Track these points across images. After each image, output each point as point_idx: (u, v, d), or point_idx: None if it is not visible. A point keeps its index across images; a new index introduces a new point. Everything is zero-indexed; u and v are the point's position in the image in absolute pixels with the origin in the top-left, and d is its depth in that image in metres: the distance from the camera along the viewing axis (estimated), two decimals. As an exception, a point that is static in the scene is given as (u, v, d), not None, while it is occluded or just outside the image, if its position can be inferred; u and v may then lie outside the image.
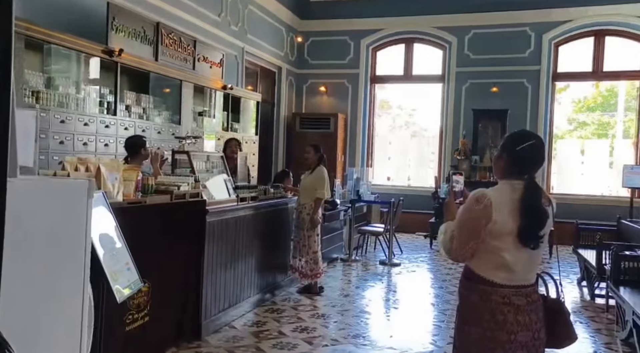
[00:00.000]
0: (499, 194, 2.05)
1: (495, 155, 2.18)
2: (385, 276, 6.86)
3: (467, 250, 2.06)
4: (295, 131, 10.89)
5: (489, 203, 1.99)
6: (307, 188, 5.52)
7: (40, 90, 4.75)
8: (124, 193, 3.16)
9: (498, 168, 2.15)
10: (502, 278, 2.04)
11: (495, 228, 2.00)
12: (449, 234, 2.13)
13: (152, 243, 3.38)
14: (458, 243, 2.07)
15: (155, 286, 3.39)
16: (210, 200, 4.14)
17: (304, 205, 5.49)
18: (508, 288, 2.04)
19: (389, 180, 11.45)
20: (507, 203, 2.01)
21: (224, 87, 7.69)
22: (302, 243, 5.48)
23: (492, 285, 2.05)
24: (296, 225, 5.56)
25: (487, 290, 2.05)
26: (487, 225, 2.00)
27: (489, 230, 2.01)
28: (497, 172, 2.16)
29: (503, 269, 2.04)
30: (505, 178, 2.11)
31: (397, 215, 8.02)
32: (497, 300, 2.03)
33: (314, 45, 11.39)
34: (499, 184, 2.14)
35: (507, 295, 2.04)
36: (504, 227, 1.99)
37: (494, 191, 2.07)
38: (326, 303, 5.25)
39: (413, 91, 11.52)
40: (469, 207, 2.06)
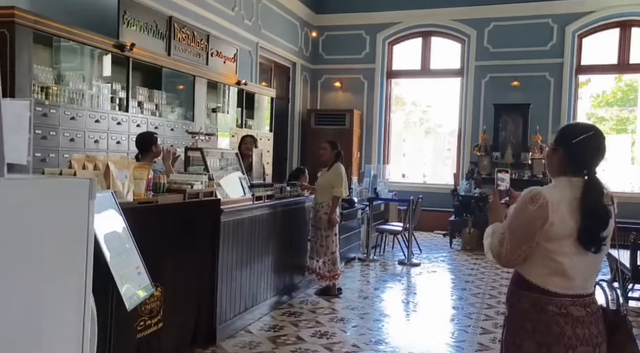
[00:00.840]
0: (555, 193, 1.87)
1: (548, 150, 2.02)
2: (404, 277, 6.64)
3: (520, 254, 1.89)
4: (310, 128, 10.69)
5: (544, 202, 1.82)
6: (324, 186, 5.32)
7: (49, 86, 4.60)
8: (135, 193, 2.99)
9: (552, 165, 1.97)
10: (558, 286, 1.87)
11: (551, 230, 1.83)
12: (498, 237, 1.94)
13: (164, 244, 3.21)
14: (510, 247, 1.89)
15: (168, 290, 3.22)
16: (225, 199, 3.96)
17: (321, 203, 5.29)
18: (565, 298, 1.86)
19: (404, 177, 11.21)
20: (565, 202, 1.84)
21: (237, 83, 7.51)
22: (320, 243, 5.29)
23: (546, 294, 1.87)
24: (313, 224, 5.36)
25: (541, 299, 1.88)
26: (542, 226, 1.83)
27: (545, 233, 1.84)
28: (552, 169, 1.98)
29: (559, 276, 1.86)
30: (561, 175, 1.93)
31: (417, 214, 7.80)
32: (553, 310, 1.86)
33: (329, 40, 11.17)
34: (554, 182, 1.96)
35: (564, 305, 1.86)
36: (562, 229, 1.83)
37: (550, 189, 1.89)
38: (345, 306, 5.05)
39: (429, 86, 11.25)
40: (522, 206, 1.88)
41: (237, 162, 4.37)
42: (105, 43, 5.11)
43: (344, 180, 5.33)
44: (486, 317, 4.84)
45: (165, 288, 3.17)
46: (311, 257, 5.38)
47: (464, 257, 7.95)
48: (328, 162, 5.42)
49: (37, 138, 4.39)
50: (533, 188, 1.90)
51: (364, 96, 11.02)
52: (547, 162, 2.02)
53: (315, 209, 5.33)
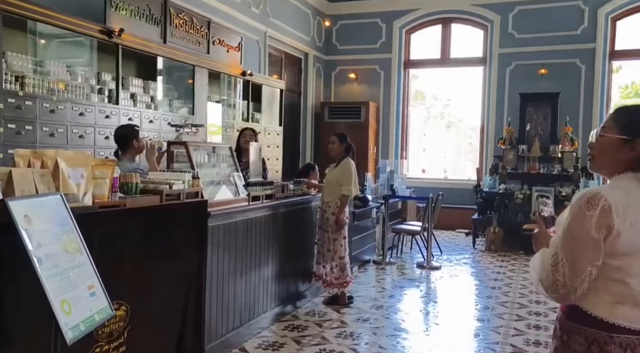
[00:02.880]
0: (620, 194, 1.44)
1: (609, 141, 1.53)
2: (423, 282, 6.08)
3: (584, 279, 1.42)
4: (324, 121, 10.17)
5: (607, 206, 1.40)
6: (331, 184, 4.80)
7: (25, 75, 4.16)
8: (95, 195, 2.50)
9: (618, 159, 1.51)
10: (627, 318, 1.43)
11: (618, 242, 1.40)
12: (549, 261, 1.47)
13: (133, 255, 2.73)
14: (570, 270, 1.42)
15: (136, 308, 2.74)
16: (214, 200, 3.46)
17: (328, 203, 4.77)
18: (634, 335, 1.42)
19: (424, 173, 10.63)
20: (636, 204, 1.42)
21: (242, 73, 7.02)
22: (327, 247, 4.77)
23: (609, 329, 1.43)
24: (320, 226, 4.85)
25: (600, 336, 1.44)
26: (606, 238, 1.41)
27: (609, 246, 1.42)
28: (614, 164, 1.52)
29: (629, 304, 1.43)
30: (627, 171, 1.49)
31: (436, 212, 7.22)
32: (614, 351, 1.42)
33: (342, 29, 10.62)
34: (614, 181, 1.52)
35: (631, 345, 1.42)
36: (633, 240, 1.40)
37: (612, 190, 1.46)
38: (356, 318, 4.52)
39: (449, 76, 10.61)
40: (578, 213, 1.43)
41: (231, 157, 3.86)
42: (90, 28, 4.65)
43: (353, 177, 4.80)
44: (516, 331, 4.26)
45: (132, 306, 2.68)
46: (318, 262, 4.87)
47: (488, 258, 7.35)
48: (337, 157, 4.90)
49: (10, 133, 3.96)
50: (589, 189, 1.46)
51: (380, 87, 10.45)
52: (606, 156, 1.53)
53: (322, 209, 4.82)
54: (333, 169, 4.89)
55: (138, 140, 3.73)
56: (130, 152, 3.74)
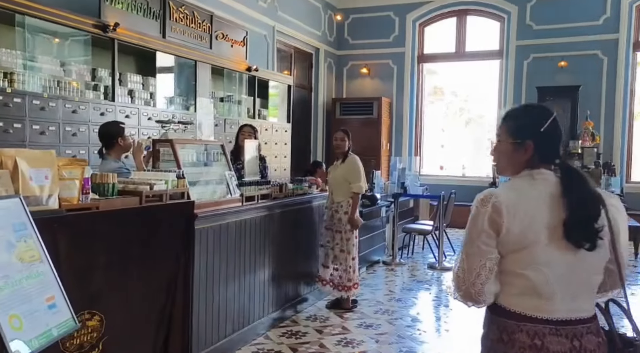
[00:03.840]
0: (512, 193, 1.54)
1: (502, 146, 1.66)
2: (434, 284, 5.82)
3: (481, 274, 1.50)
4: (335, 118, 9.94)
5: (497, 203, 1.50)
6: (339, 182, 4.57)
7: (14, 71, 4.02)
8: (63, 198, 2.33)
9: (514, 161, 1.61)
10: (531, 307, 1.50)
11: (509, 238, 1.49)
12: (456, 262, 1.59)
13: (109, 262, 2.55)
14: (467, 265, 1.52)
15: (112, 317, 2.56)
16: (203, 201, 3.27)
17: (340, 203, 4.54)
18: (541, 324, 1.48)
19: (442, 170, 10.34)
20: (528, 202, 1.51)
21: (248, 69, 6.83)
22: (340, 248, 4.53)
23: (517, 319, 1.51)
24: (329, 227, 4.60)
25: (509, 325, 1.52)
26: (499, 234, 1.50)
27: (503, 242, 1.50)
28: (512, 166, 1.62)
29: (533, 293, 1.50)
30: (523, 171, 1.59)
31: (449, 211, 6.94)
32: (522, 340, 1.48)
33: (354, 23, 10.36)
34: (511, 181, 1.62)
35: (539, 333, 1.47)
36: (524, 235, 1.48)
37: (506, 190, 1.56)
38: (359, 324, 4.30)
39: (466, 71, 10.27)
40: (474, 211, 1.55)
41: (223, 156, 3.66)
42: (84, 22, 4.50)
43: (362, 173, 4.59)
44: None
45: (108, 316, 2.51)
46: (325, 265, 4.64)
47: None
48: (345, 154, 4.66)
49: (-3, 131, 3.83)
50: (486, 190, 1.58)
51: (393, 83, 10.18)
52: (505, 160, 1.64)
53: (333, 210, 4.57)
54: (338, 166, 4.66)
55: (124, 138, 3.56)
56: (115, 150, 3.57)
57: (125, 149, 3.59)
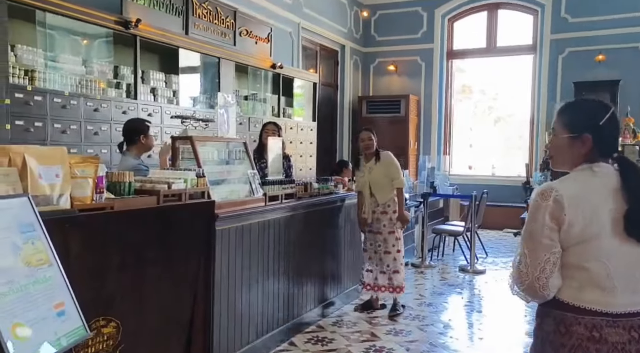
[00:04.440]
0: (572, 186, 1.54)
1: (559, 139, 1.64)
2: (466, 287, 5.58)
3: (545, 268, 1.50)
4: (362, 116, 9.73)
5: (558, 197, 1.50)
6: (382, 183, 4.35)
7: (35, 69, 3.95)
8: (75, 197, 2.20)
9: (571, 155, 1.61)
10: (591, 300, 1.51)
11: (572, 231, 1.49)
12: (516, 257, 1.60)
13: (125, 264, 2.41)
14: (530, 260, 1.53)
15: (130, 323, 2.42)
16: (224, 200, 3.12)
17: (386, 204, 4.34)
18: (600, 316, 1.49)
19: (471, 169, 10.03)
20: (589, 195, 1.51)
21: (272, 66, 6.68)
22: (397, 249, 4.36)
23: (575, 312, 1.52)
24: (377, 230, 4.35)
25: (566, 318, 1.53)
26: (560, 227, 1.50)
27: (565, 235, 1.51)
28: (569, 160, 1.62)
29: (592, 287, 1.51)
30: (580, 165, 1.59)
31: (481, 211, 6.68)
32: (581, 333, 1.50)
33: (381, 20, 10.14)
34: (570, 174, 1.61)
35: (597, 326, 1.49)
36: (587, 228, 1.48)
37: (566, 183, 1.56)
38: (389, 329, 4.09)
39: (497, 67, 9.93)
40: (534, 206, 1.55)
41: (245, 154, 3.51)
42: (105, 19, 4.41)
43: (400, 167, 4.45)
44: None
45: (124, 322, 2.37)
46: (369, 269, 4.41)
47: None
48: (372, 153, 4.45)
49: (18, 129, 3.75)
50: (544, 184, 1.60)
51: (421, 80, 9.93)
52: (561, 153, 1.64)
53: (379, 212, 4.34)
54: (374, 166, 4.39)
55: (147, 136, 3.46)
56: (137, 147, 3.47)
57: (146, 148, 3.49)
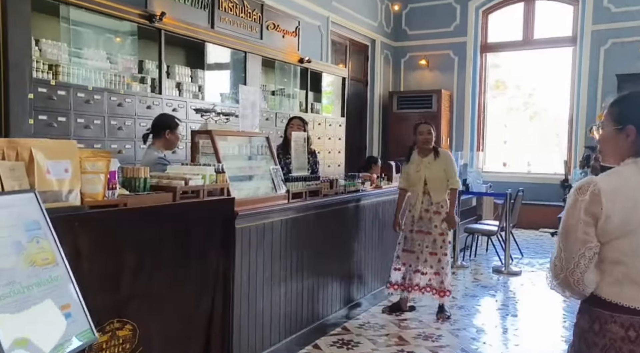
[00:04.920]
0: (614, 180, 1.50)
1: (605, 132, 1.62)
2: (500, 290, 5.33)
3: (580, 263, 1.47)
4: (392, 112, 9.53)
5: (595, 190, 1.46)
6: (440, 180, 4.15)
7: (59, 64, 3.91)
8: (86, 193, 2.10)
9: (617, 148, 1.57)
10: (628, 296, 1.45)
11: (609, 225, 1.44)
12: (554, 251, 1.57)
13: (140, 264, 2.31)
14: (565, 255, 1.50)
15: (146, 326, 2.33)
16: (245, 198, 3.00)
17: (440, 203, 4.15)
18: (639, 316, 1.42)
19: (505, 166, 9.69)
20: (629, 188, 1.46)
21: (300, 61, 6.55)
22: (444, 251, 4.17)
23: (611, 309, 1.46)
24: (428, 230, 4.15)
25: (602, 315, 1.48)
26: (597, 221, 1.46)
27: (602, 229, 1.46)
28: (615, 153, 1.59)
29: (631, 282, 1.45)
30: (626, 158, 1.54)
31: (516, 210, 6.40)
32: (615, 331, 1.44)
33: (413, 13, 9.89)
34: (615, 169, 1.56)
35: (635, 325, 1.41)
36: (627, 222, 1.43)
37: (606, 177, 1.52)
38: (417, 334, 3.91)
39: (534, 61, 9.54)
40: (571, 200, 1.52)
41: (268, 149, 3.38)
42: (129, 12, 4.35)
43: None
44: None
45: (140, 325, 2.28)
46: (397, 268, 4.26)
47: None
48: (430, 149, 4.21)
49: (41, 124, 3.72)
50: (585, 178, 1.57)
51: (453, 74, 9.64)
52: (607, 147, 1.62)
53: (432, 211, 4.14)
54: (433, 163, 4.16)
55: (173, 133, 3.46)
56: (161, 141, 3.48)
57: (170, 144, 3.48)
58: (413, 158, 4.25)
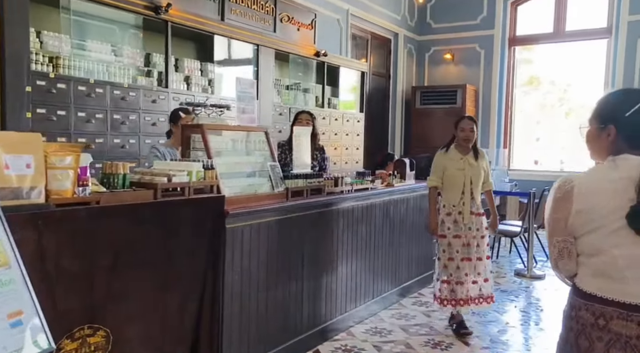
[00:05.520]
0: (589, 177, 1.56)
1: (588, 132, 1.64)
2: (522, 294, 5.05)
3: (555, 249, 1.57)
4: (415, 108, 9.24)
5: (569, 188, 1.53)
6: (480, 181, 3.84)
7: (59, 56, 3.83)
8: (52, 190, 1.97)
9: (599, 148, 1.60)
10: (602, 288, 1.49)
11: (579, 219, 1.51)
12: None
13: (115, 266, 2.17)
14: (549, 242, 1.61)
15: (121, 332, 2.19)
16: (237, 195, 2.83)
17: (479, 205, 3.85)
18: (610, 306, 1.46)
19: (537, 164, 9.31)
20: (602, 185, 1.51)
21: (316, 54, 6.36)
22: (487, 254, 3.88)
23: (585, 298, 1.52)
24: (473, 235, 3.81)
25: (577, 303, 1.55)
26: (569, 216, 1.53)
27: (574, 223, 1.53)
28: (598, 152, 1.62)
29: (604, 275, 1.49)
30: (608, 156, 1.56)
31: (541, 210, 6.06)
32: (585, 318, 1.51)
33: (438, 5, 9.57)
34: (595, 166, 1.61)
35: (606, 315, 1.46)
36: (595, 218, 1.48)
37: (584, 174, 1.58)
38: (426, 341, 3.69)
39: (567, 55, 9.10)
40: (550, 196, 1.60)
41: (266, 144, 3.21)
42: (134, 3, 4.23)
43: None
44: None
45: (116, 330, 2.14)
46: (446, 280, 3.85)
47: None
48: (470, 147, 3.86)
49: (39, 118, 3.64)
50: (566, 175, 1.61)
51: (480, 68, 9.29)
52: (592, 145, 1.64)
53: (476, 213, 3.81)
54: (475, 163, 3.82)
55: (176, 126, 3.35)
56: (174, 135, 3.39)
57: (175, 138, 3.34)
58: (451, 154, 3.85)
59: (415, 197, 4.76)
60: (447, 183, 3.84)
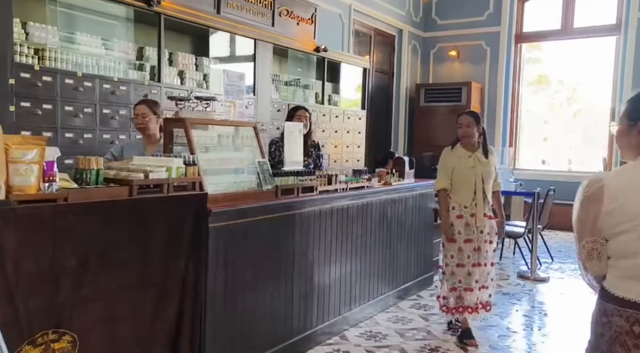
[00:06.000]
0: (620, 177, 1.53)
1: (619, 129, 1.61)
2: (524, 298, 4.88)
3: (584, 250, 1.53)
4: (419, 105, 9.09)
5: (599, 187, 1.48)
6: (490, 180, 3.63)
7: (45, 48, 3.71)
8: (14, 186, 1.85)
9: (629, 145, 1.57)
10: (631, 290, 1.43)
11: (610, 220, 1.46)
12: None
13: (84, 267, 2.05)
14: (577, 243, 1.56)
15: (90, 336, 2.06)
16: (222, 193, 2.70)
17: (489, 207, 3.64)
18: None
19: (544, 164, 9.14)
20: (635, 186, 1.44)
21: (316, 50, 6.22)
22: (491, 261, 3.67)
23: (617, 302, 1.45)
24: (485, 238, 3.59)
25: (608, 308, 1.47)
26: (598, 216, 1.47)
27: (605, 224, 1.47)
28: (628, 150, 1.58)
29: (635, 278, 1.43)
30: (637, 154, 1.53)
31: (546, 210, 5.91)
32: (620, 325, 1.42)
33: (443, 2, 9.42)
34: (626, 165, 1.57)
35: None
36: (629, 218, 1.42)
37: (614, 173, 1.57)
38: (422, 346, 3.54)
39: (575, 51, 8.91)
40: (579, 195, 1.54)
41: (255, 140, 3.07)
42: (125, -5, 4.12)
43: None
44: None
45: (84, 335, 2.01)
46: (454, 287, 3.62)
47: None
48: (475, 143, 3.62)
49: (23, 112, 3.53)
50: (595, 173, 1.57)
51: (485, 66, 9.12)
52: (622, 142, 1.60)
53: (488, 216, 3.61)
54: (485, 162, 3.59)
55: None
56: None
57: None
58: (458, 152, 3.63)
59: (415, 196, 4.61)
60: (457, 183, 3.59)
